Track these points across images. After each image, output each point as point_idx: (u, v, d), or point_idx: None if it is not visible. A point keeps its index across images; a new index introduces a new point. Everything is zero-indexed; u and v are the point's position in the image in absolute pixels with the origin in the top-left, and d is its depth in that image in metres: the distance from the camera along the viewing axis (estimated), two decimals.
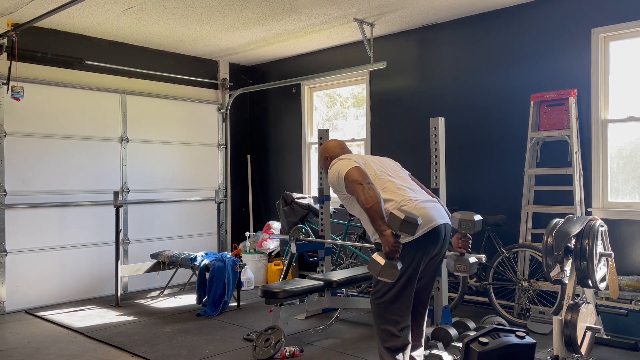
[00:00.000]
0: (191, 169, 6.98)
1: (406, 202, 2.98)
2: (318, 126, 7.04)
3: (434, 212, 3.01)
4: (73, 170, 5.89)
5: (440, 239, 3.01)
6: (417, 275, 3.00)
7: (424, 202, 3.03)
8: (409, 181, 3.23)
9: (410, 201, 2.99)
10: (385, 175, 3.14)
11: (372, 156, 3.38)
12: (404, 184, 3.13)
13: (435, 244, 3.00)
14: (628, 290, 4.29)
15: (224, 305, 5.26)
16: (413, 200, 3.00)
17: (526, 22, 5.09)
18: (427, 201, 3.07)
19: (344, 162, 3.10)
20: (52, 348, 4.28)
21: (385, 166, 3.25)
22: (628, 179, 4.68)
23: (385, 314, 2.98)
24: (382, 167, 3.21)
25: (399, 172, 3.29)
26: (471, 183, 5.46)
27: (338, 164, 3.13)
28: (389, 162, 3.35)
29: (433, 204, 3.09)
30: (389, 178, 3.13)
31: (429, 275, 3.15)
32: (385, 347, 2.97)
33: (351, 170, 2.98)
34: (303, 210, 6.28)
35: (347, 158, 3.16)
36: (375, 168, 3.16)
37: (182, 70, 6.92)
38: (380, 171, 3.16)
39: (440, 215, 3.04)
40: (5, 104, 5.40)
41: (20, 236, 5.51)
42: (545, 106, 4.86)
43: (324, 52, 6.77)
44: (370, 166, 3.15)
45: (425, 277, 3.13)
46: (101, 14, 5.31)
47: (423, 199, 3.06)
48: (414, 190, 3.12)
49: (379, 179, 3.09)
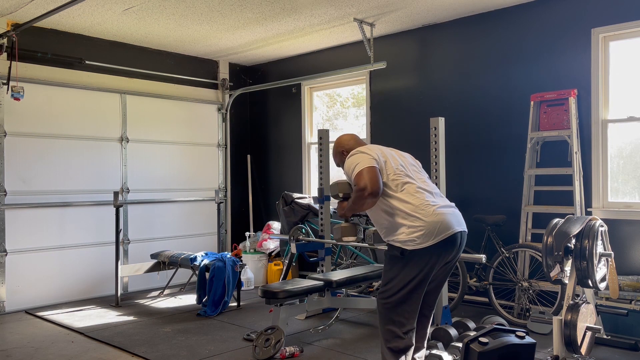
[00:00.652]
0: (191, 169, 6.98)
1: (424, 207, 2.92)
2: (318, 126, 7.04)
3: (452, 219, 2.96)
4: (73, 170, 5.89)
5: (455, 246, 2.99)
6: (428, 280, 2.98)
7: (442, 208, 2.97)
8: (428, 183, 3.13)
9: (428, 206, 2.93)
10: (404, 176, 3.04)
11: (395, 150, 3.25)
12: (423, 187, 3.04)
13: (450, 251, 2.98)
14: (628, 290, 4.29)
15: (224, 305, 5.26)
16: (431, 205, 2.94)
17: (526, 22, 5.09)
18: (446, 206, 3.01)
19: (364, 157, 3.01)
20: (52, 348, 4.28)
21: (405, 165, 3.13)
22: (628, 179, 4.68)
23: (391, 314, 2.96)
24: (402, 166, 3.10)
25: (419, 172, 3.19)
26: (471, 183, 5.46)
27: (357, 157, 3.04)
28: (409, 161, 3.23)
29: (452, 209, 3.03)
30: (408, 179, 3.03)
31: (439, 279, 3.12)
32: (388, 348, 2.96)
33: (364, 172, 2.91)
34: (303, 210, 6.28)
35: (367, 153, 3.05)
36: (394, 167, 3.05)
37: (182, 70, 6.92)
38: (400, 170, 3.05)
39: (458, 222, 3.00)
40: (5, 104, 5.40)
41: (20, 236, 5.51)
42: (545, 106, 4.86)
43: (324, 52, 6.77)
44: (390, 164, 3.05)
45: (436, 280, 3.10)
46: (101, 14, 5.31)
47: (442, 204, 3.00)
48: (432, 194, 3.04)
49: (397, 181, 3.00)
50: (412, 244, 2.88)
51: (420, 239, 2.87)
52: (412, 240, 2.88)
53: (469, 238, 3.26)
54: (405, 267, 2.92)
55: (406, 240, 2.90)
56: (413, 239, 2.88)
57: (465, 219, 3.15)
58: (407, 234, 2.90)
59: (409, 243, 2.89)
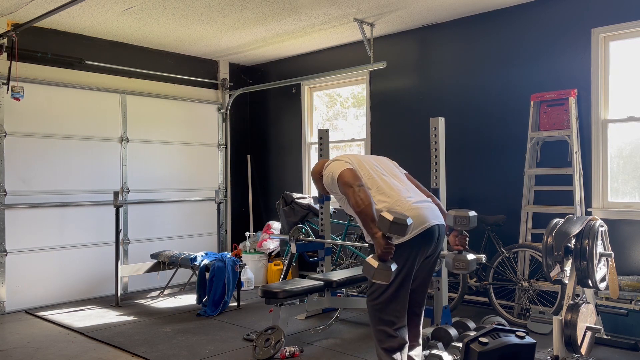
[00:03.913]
0: (191, 169, 6.98)
1: (400, 203, 2.97)
2: (318, 126, 7.04)
3: (427, 213, 3.01)
4: (73, 170, 5.89)
5: (434, 239, 3.01)
6: (412, 276, 3.00)
7: (417, 203, 3.03)
8: (404, 180, 3.22)
9: (404, 201, 2.99)
10: (379, 175, 3.13)
11: (368, 155, 3.36)
12: (398, 184, 3.12)
13: (429, 245, 3.00)
14: (628, 290, 4.29)
15: (224, 305, 5.26)
16: (407, 201, 3.00)
17: (526, 22, 5.09)
18: (421, 201, 3.07)
19: (337, 163, 3.11)
20: (52, 348, 4.28)
21: (380, 165, 3.23)
22: (628, 179, 4.68)
23: (381, 315, 2.99)
24: (377, 167, 3.20)
25: (394, 171, 3.28)
26: (471, 183, 5.46)
27: (331, 166, 3.14)
28: (385, 161, 3.33)
29: (427, 204, 3.09)
30: (383, 178, 3.12)
31: (423, 275, 3.15)
32: (383, 348, 2.97)
33: (344, 172, 3.00)
34: (303, 210, 6.28)
35: (339, 159, 3.16)
36: (368, 168, 3.15)
37: (182, 70, 6.92)
38: (375, 171, 3.15)
39: (434, 215, 3.04)
40: (5, 104, 5.40)
41: (20, 236, 5.51)
42: (545, 106, 4.86)
43: (324, 52, 6.77)
44: (364, 166, 3.14)
45: (420, 277, 3.13)
46: (101, 14, 5.31)
47: (417, 199, 3.06)
48: (408, 190, 3.11)
49: (372, 179, 3.08)
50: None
51: None
52: None
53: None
54: None
55: None
56: None
57: None
58: None
59: None
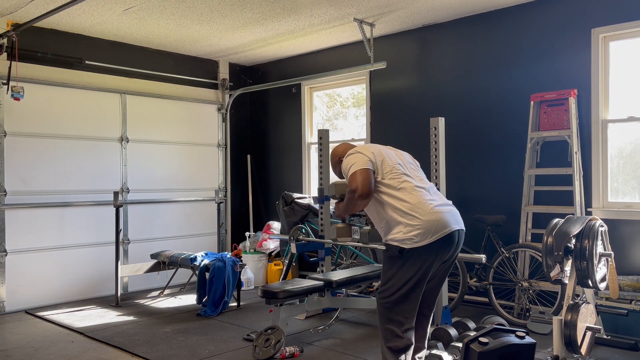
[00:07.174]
0: (191, 169, 6.98)
1: (421, 205, 2.93)
2: (318, 126, 7.04)
3: (449, 217, 2.97)
4: (73, 170, 5.89)
5: (453, 245, 3.00)
6: (427, 279, 2.98)
7: (439, 206, 2.98)
8: (425, 182, 3.15)
9: (425, 204, 2.94)
10: (402, 174, 3.05)
11: (393, 149, 3.26)
12: (420, 185, 3.06)
13: (448, 249, 2.99)
14: (628, 290, 4.29)
15: (224, 305, 5.26)
16: (429, 203, 2.95)
17: (526, 22, 5.09)
18: (443, 205, 3.03)
19: (359, 158, 3.03)
20: (52, 348, 4.28)
21: (403, 163, 3.15)
22: (628, 179, 4.68)
23: (390, 313, 2.97)
24: (400, 165, 3.11)
25: (417, 171, 3.21)
26: (471, 183, 5.46)
27: (353, 157, 3.06)
28: (407, 159, 3.24)
29: (449, 207, 3.05)
30: (406, 178, 3.05)
31: (437, 278, 3.12)
32: (388, 347, 2.96)
33: (358, 173, 2.95)
34: (303, 210, 6.28)
35: (362, 153, 3.07)
36: (391, 165, 3.07)
37: (182, 70, 6.92)
38: (397, 169, 3.07)
39: (455, 220, 3.01)
40: (5, 104, 5.40)
41: (20, 236, 5.51)
42: (545, 106, 4.86)
43: (324, 52, 6.77)
44: (387, 163, 3.07)
45: (434, 279, 3.11)
46: (101, 14, 5.31)
47: (439, 202, 3.01)
48: (430, 192, 3.05)
49: (395, 178, 3.02)
50: (410, 242, 2.89)
51: (417, 238, 2.88)
52: (409, 239, 2.89)
53: (469, 238, 3.27)
54: (403, 266, 2.93)
55: (404, 239, 2.91)
56: (411, 238, 2.89)
57: (465, 219, 3.17)
58: (405, 233, 2.91)
59: (407, 242, 2.90)
